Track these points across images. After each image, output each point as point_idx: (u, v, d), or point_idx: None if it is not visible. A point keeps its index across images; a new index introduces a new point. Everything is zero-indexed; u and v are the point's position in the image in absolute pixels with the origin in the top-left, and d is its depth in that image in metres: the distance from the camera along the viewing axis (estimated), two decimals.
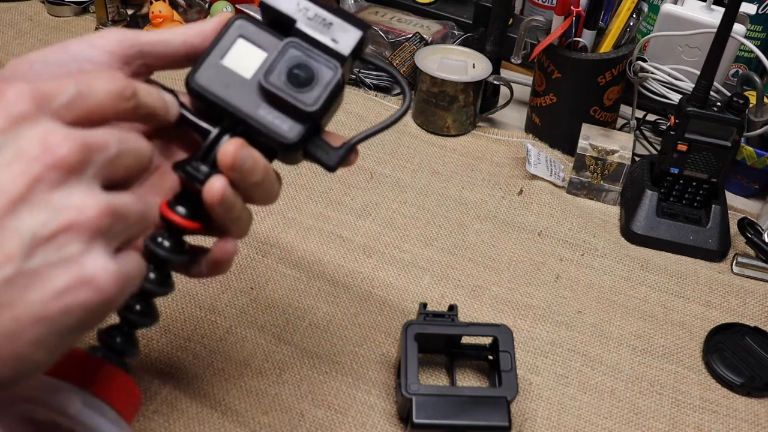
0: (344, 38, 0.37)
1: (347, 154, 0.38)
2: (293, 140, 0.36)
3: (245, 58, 0.37)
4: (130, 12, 1.01)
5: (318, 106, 0.36)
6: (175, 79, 0.40)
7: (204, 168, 0.36)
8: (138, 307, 0.38)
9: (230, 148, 0.35)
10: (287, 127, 0.36)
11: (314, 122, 0.37)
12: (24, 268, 0.26)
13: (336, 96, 0.37)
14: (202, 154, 0.37)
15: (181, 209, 0.37)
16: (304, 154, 0.38)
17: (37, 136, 0.28)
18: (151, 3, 0.94)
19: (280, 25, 0.38)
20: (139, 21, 1.00)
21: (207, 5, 0.99)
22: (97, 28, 0.95)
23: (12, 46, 0.95)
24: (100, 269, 0.28)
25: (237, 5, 0.96)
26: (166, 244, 0.37)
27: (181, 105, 0.37)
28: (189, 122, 0.37)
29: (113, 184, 0.31)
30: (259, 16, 0.39)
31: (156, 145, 0.39)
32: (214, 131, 0.37)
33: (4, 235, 0.26)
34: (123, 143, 0.31)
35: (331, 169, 0.38)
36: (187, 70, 0.38)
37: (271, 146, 0.38)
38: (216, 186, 0.35)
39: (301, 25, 0.37)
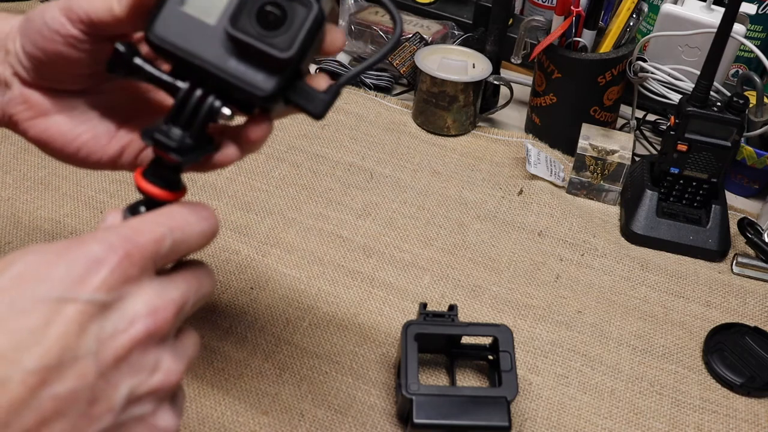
0: None
1: (334, 98, 0.34)
2: (269, 92, 0.32)
3: (207, 1, 0.33)
4: None
5: (293, 51, 0.32)
6: None
7: (176, 131, 0.33)
8: None
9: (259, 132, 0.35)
10: (261, 78, 0.32)
11: (293, 69, 0.33)
12: (118, 419, 0.29)
13: (314, 35, 0.32)
14: (172, 114, 0.33)
15: (156, 179, 0.34)
16: (285, 102, 0.34)
17: (142, 301, 0.30)
18: None
19: None
20: None
21: None
22: None
23: None
24: (170, 424, 0.32)
25: None
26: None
27: (145, 59, 0.34)
28: (153, 78, 0.34)
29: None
30: None
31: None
32: (184, 87, 0.33)
33: (109, 388, 0.29)
34: (198, 292, 0.33)
35: (317, 117, 0.34)
36: None
37: (248, 101, 0.34)
38: (231, 156, 0.36)
39: None
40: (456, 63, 0.82)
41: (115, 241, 0.30)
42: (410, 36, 0.91)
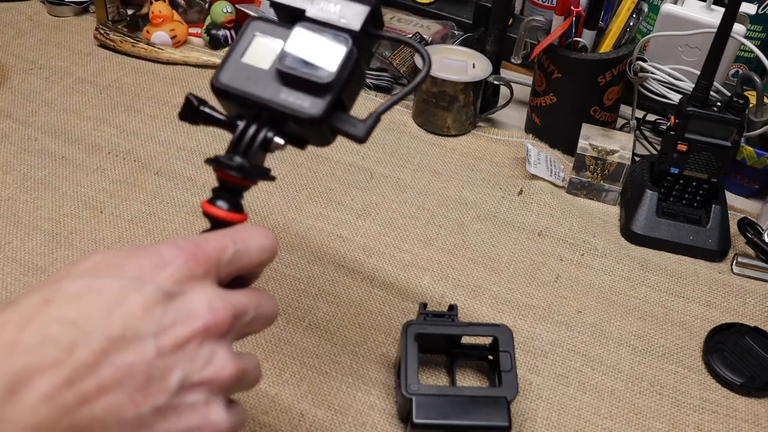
0: (352, 15, 0.39)
1: (375, 123, 0.40)
2: (316, 115, 0.38)
3: (262, 52, 0.39)
4: (129, 12, 1.01)
5: (332, 76, 0.38)
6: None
7: (236, 157, 0.38)
8: None
9: None
10: (308, 104, 0.38)
11: (334, 95, 0.38)
12: (171, 402, 0.31)
13: (353, 70, 0.39)
14: (232, 146, 0.39)
15: (222, 204, 0.39)
16: (331, 131, 0.40)
17: (204, 298, 0.33)
18: (151, 3, 0.94)
19: (292, 19, 0.40)
20: (139, 21, 1.00)
21: (207, 5, 0.99)
22: (97, 28, 0.95)
23: (12, 46, 0.95)
24: (222, 420, 0.33)
25: (237, 5, 0.96)
26: None
27: (210, 107, 0.40)
28: (217, 121, 0.40)
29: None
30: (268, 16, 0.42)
31: None
32: (242, 123, 0.39)
33: (165, 370, 0.31)
34: (258, 309, 0.36)
35: (360, 140, 0.39)
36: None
37: (299, 131, 0.39)
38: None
39: (311, 13, 0.39)
40: (456, 63, 0.82)
41: (184, 245, 0.34)
42: (410, 36, 0.91)
